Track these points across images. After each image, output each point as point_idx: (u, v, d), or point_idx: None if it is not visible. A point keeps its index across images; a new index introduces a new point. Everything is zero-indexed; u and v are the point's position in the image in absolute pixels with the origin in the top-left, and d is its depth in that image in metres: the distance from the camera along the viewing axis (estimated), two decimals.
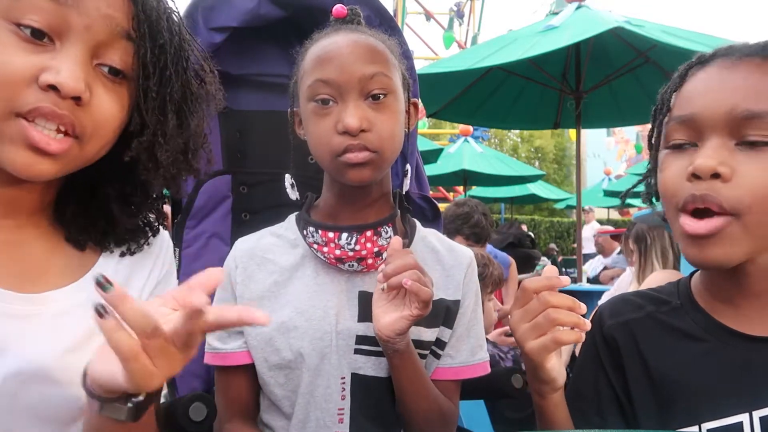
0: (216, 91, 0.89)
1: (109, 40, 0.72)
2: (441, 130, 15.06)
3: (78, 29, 0.70)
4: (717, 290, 0.87)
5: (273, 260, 1.07)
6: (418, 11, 15.24)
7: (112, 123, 0.75)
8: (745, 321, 0.83)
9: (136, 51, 0.74)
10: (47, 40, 0.69)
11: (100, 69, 0.73)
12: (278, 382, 1.04)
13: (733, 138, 0.76)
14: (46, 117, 0.69)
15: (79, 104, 0.71)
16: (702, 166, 0.75)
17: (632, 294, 0.97)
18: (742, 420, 0.79)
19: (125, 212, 0.85)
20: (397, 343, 0.94)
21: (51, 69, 0.68)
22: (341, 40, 0.99)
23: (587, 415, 0.91)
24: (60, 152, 0.71)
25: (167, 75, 0.77)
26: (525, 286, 0.83)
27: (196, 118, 0.84)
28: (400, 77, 1.03)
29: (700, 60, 0.84)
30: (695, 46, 3.97)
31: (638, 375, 0.88)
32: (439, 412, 1.04)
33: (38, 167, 0.71)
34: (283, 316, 1.02)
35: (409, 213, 1.14)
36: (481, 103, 5.61)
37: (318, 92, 0.97)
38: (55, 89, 0.68)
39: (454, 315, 1.09)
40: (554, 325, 0.80)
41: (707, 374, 0.83)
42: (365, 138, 0.95)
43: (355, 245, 1.01)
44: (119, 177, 0.84)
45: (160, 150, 0.79)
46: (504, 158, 11.20)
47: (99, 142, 0.75)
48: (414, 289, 0.88)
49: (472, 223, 3.15)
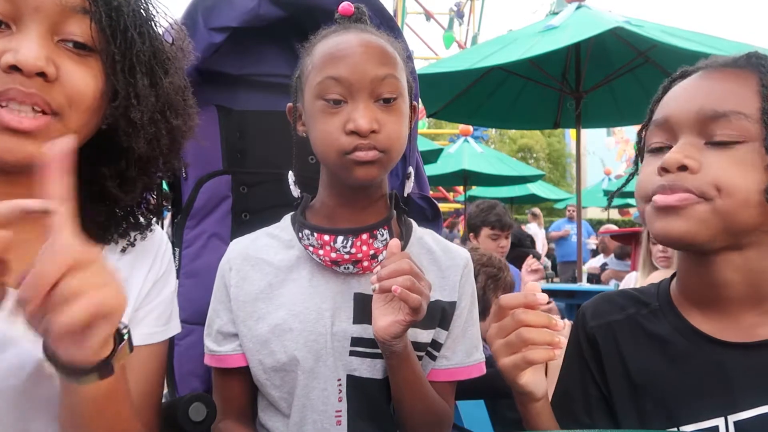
0: (185, 45, 0.88)
1: (63, 17, 0.73)
2: (441, 130, 15.07)
3: (29, 12, 0.71)
4: (693, 295, 0.88)
5: (268, 261, 1.07)
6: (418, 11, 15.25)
7: (87, 94, 0.75)
8: (720, 326, 0.84)
9: (93, 20, 0.74)
10: (4, 27, 0.70)
11: (65, 45, 0.74)
12: (274, 384, 1.04)
13: (702, 137, 0.80)
14: (17, 99, 0.70)
15: (47, 80, 0.71)
16: (669, 159, 0.79)
17: (615, 293, 0.97)
18: (718, 424, 0.80)
19: (122, 189, 0.85)
20: (394, 345, 0.93)
21: (10, 51, 0.69)
22: (353, 39, 0.99)
23: (576, 415, 0.91)
24: (36, 128, 0.71)
25: (129, 36, 0.77)
26: (501, 303, 0.84)
27: (170, 75, 0.83)
28: (406, 80, 1.03)
29: (682, 74, 0.88)
30: (695, 46, 3.97)
31: (618, 377, 0.89)
32: (434, 414, 1.04)
33: (21, 149, 0.72)
34: (277, 319, 1.02)
35: (405, 214, 1.13)
36: (481, 103, 5.62)
37: (328, 90, 0.96)
38: (18, 69, 0.69)
39: (450, 316, 1.08)
40: (526, 345, 0.81)
41: (683, 379, 0.83)
42: (374, 138, 0.95)
43: (350, 248, 1.00)
44: (113, 156, 0.83)
45: (134, 111, 0.78)
46: (504, 158, 11.20)
47: (81, 116, 0.75)
48: (402, 296, 0.87)
49: (496, 212, 3.44)
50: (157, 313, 0.91)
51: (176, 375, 1.24)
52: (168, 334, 0.93)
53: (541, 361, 0.81)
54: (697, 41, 4.25)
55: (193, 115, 0.89)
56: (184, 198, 1.30)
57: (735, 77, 0.81)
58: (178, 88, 0.84)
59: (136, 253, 0.89)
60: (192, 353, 1.20)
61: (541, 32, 4.71)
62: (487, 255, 2.10)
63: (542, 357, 0.81)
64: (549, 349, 0.81)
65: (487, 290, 2.01)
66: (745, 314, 0.83)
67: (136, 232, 0.89)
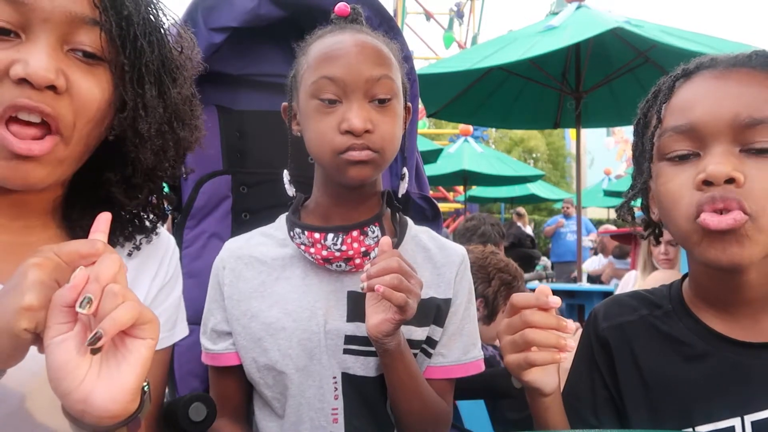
0: (194, 54, 0.87)
1: (72, 27, 0.71)
2: (441, 130, 15.06)
3: (38, 22, 0.69)
4: (708, 296, 0.87)
5: (261, 259, 1.07)
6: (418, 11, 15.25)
7: (93, 105, 0.74)
8: (737, 327, 0.84)
9: (103, 30, 0.73)
10: (13, 36, 0.69)
11: (74, 54, 0.73)
12: (267, 383, 1.04)
13: (737, 145, 0.77)
14: (26, 108, 0.69)
15: (57, 93, 0.70)
16: (716, 173, 0.74)
17: (627, 295, 0.97)
18: (734, 424, 0.80)
19: (128, 195, 0.85)
20: (387, 343, 0.94)
21: (19, 61, 0.68)
22: (348, 39, 0.99)
23: (584, 416, 0.91)
24: (44, 153, 0.71)
25: (139, 46, 0.76)
26: (512, 301, 0.84)
27: (178, 86, 0.82)
28: (401, 81, 1.03)
29: (685, 72, 0.84)
30: (695, 46, 3.98)
31: (631, 378, 0.88)
32: (431, 412, 1.04)
33: (32, 175, 0.72)
34: (270, 317, 1.03)
35: (399, 211, 1.13)
36: (481, 103, 5.62)
37: (323, 90, 0.96)
38: (28, 82, 0.68)
39: (445, 313, 1.08)
40: (530, 345, 0.81)
41: (698, 379, 0.83)
42: (368, 138, 0.95)
43: (341, 245, 1.01)
44: (119, 162, 0.83)
45: (142, 123, 0.77)
46: (504, 158, 11.20)
47: (86, 125, 0.74)
48: (386, 295, 0.87)
49: (480, 233, 3.51)
50: (163, 320, 0.90)
51: (176, 375, 1.24)
52: (173, 339, 0.93)
53: (542, 363, 0.81)
54: (697, 41, 4.26)
55: (200, 127, 0.88)
56: (184, 198, 1.30)
57: (764, 80, 0.78)
58: (185, 98, 0.84)
59: (142, 257, 0.89)
60: (192, 353, 1.20)
61: (541, 32, 4.71)
62: (505, 261, 2.09)
63: (544, 360, 0.81)
64: (554, 351, 0.81)
65: (499, 296, 1.99)
66: (763, 314, 0.83)
67: (141, 236, 0.88)
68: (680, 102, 0.82)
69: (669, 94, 0.84)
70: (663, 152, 0.82)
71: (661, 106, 0.84)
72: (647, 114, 0.89)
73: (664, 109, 0.84)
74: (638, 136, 0.91)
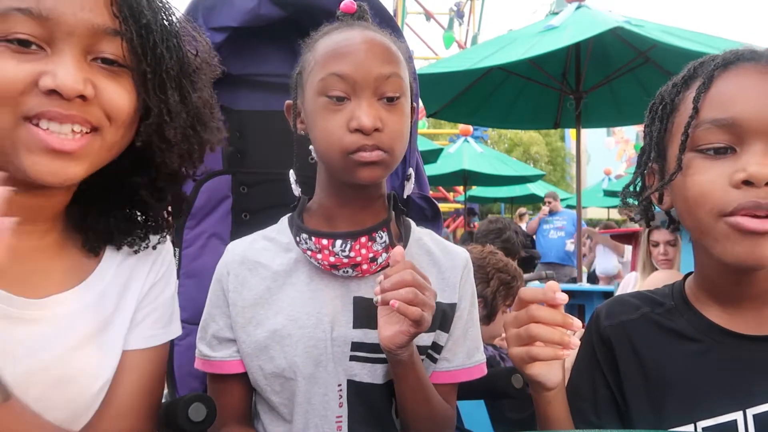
0: (211, 57, 0.88)
1: (95, 39, 0.73)
2: (441, 130, 15.06)
3: (62, 36, 0.71)
4: (714, 291, 0.87)
5: (265, 265, 1.05)
6: (418, 11, 15.25)
7: (124, 109, 0.76)
8: (740, 321, 0.84)
9: (124, 39, 0.75)
10: (36, 48, 0.70)
11: (98, 63, 0.74)
12: (274, 389, 1.02)
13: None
14: (57, 120, 0.70)
15: (86, 101, 0.71)
16: (759, 175, 0.73)
17: (629, 295, 0.97)
18: (736, 418, 0.80)
19: (155, 197, 0.87)
20: (400, 354, 0.92)
21: (48, 73, 0.69)
22: (357, 35, 0.97)
23: (586, 415, 0.91)
24: (79, 149, 0.72)
25: (158, 53, 0.77)
26: (520, 294, 0.84)
27: (198, 90, 0.84)
28: (408, 80, 1.02)
29: (724, 62, 0.81)
30: (695, 46, 3.97)
31: (633, 375, 0.89)
32: (438, 418, 1.04)
33: (65, 171, 0.72)
34: (276, 324, 1.01)
35: (403, 214, 1.12)
36: (481, 103, 5.61)
37: (332, 87, 0.94)
38: (58, 93, 0.69)
39: (451, 318, 1.07)
40: (534, 340, 0.81)
41: (701, 373, 0.84)
42: (378, 137, 0.94)
43: (349, 252, 0.99)
44: (145, 166, 0.84)
45: (168, 129, 0.79)
46: (504, 158, 11.20)
47: (118, 130, 0.76)
48: (401, 310, 0.86)
49: (504, 238, 3.43)
50: (157, 315, 0.91)
51: (176, 375, 1.24)
52: (168, 336, 0.93)
53: (544, 358, 0.81)
54: (697, 41, 4.25)
55: (221, 128, 0.90)
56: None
57: None
58: (206, 102, 0.85)
59: (139, 254, 0.90)
60: (192, 353, 1.19)
61: (541, 32, 4.71)
62: (504, 261, 2.08)
63: (546, 355, 0.81)
64: (557, 348, 0.81)
65: (498, 295, 1.99)
66: (767, 308, 0.83)
67: (157, 235, 0.91)
68: (721, 94, 0.79)
69: (709, 83, 0.81)
70: (696, 143, 0.80)
71: (699, 95, 0.80)
72: (674, 99, 0.85)
73: (702, 99, 0.80)
74: (661, 121, 0.87)
